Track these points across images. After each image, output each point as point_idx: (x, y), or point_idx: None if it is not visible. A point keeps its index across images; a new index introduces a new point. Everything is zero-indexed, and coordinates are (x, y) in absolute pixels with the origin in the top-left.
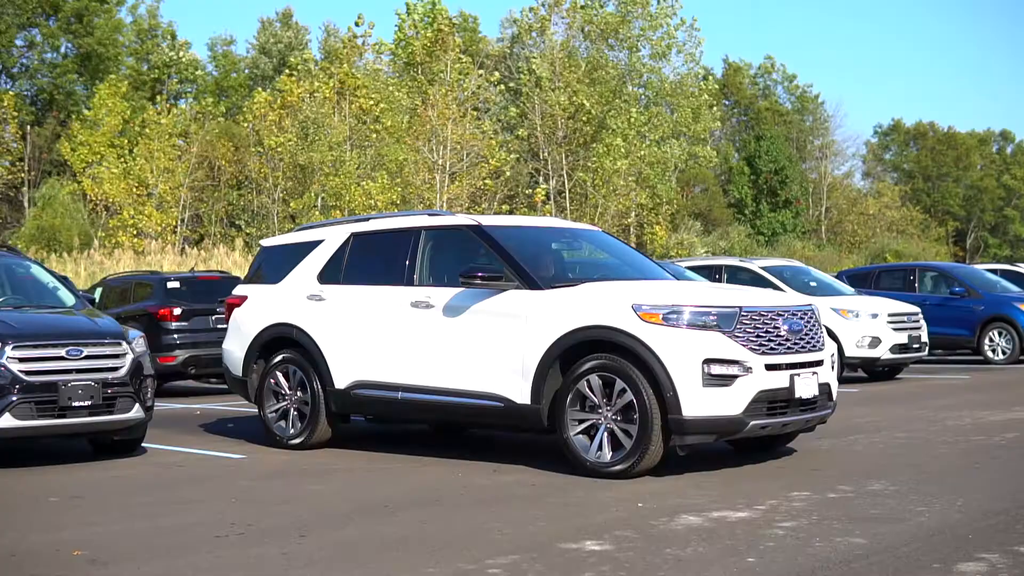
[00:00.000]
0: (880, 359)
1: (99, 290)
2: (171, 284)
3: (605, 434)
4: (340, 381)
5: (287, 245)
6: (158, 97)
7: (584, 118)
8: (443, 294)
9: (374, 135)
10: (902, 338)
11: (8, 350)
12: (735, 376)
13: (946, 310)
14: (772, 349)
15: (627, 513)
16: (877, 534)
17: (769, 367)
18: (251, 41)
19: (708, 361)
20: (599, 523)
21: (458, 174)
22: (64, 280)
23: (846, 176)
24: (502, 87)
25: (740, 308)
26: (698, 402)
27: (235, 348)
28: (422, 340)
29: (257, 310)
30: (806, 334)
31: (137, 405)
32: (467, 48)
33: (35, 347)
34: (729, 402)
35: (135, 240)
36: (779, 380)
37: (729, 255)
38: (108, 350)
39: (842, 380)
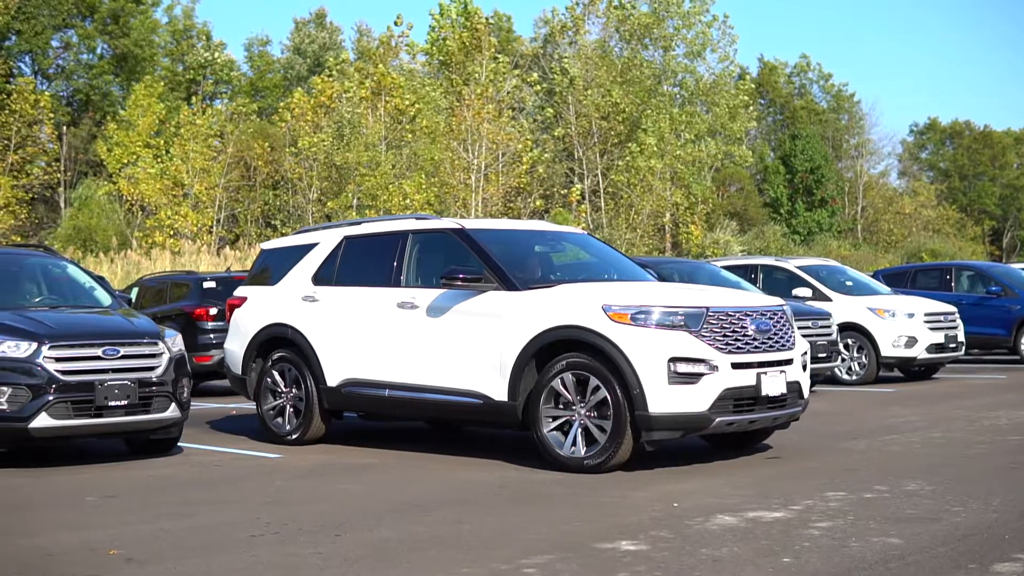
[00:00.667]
0: (916, 359)
1: (135, 290)
2: (207, 284)
3: (579, 430)
4: (332, 379)
5: (285, 248)
6: (194, 98)
7: (619, 117)
8: (427, 295)
9: (409, 135)
10: (938, 338)
11: (45, 350)
12: (701, 374)
13: (982, 309)
14: (739, 348)
15: (662, 513)
16: (913, 534)
17: (735, 365)
18: (285, 42)
19: (674, 359)
20: (634, 523)
21: (493, 173)
22: (100, 280)
23: (882, 175)
24: (538, 87)
25: (707, 308)
26: (664, 399)
27: (235, 347)
28: (408, 339)
29: (256, 310)
30: (775, 334)
31: (173, 404)
32: (502, 48)
33: (72, 347)
34: (695, 399)
35: (171, 240)
36: (745, 378)
37: (765, 254)
38: (144, 350)
39: (878, 380)
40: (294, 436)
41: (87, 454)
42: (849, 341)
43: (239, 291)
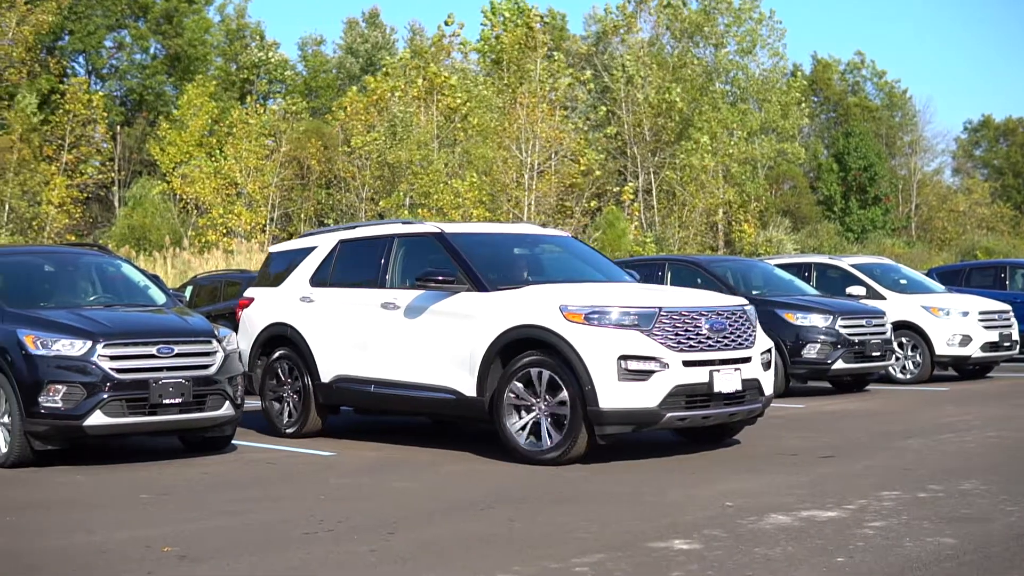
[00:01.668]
0: (971, 357)
1: (189, 288)
2: None
3: (538, 424)
4: (325, 375)
5: (289, 251)
6: (247, 97)
7: (675, 116)
8: (407, 296)
9: (461, 134)
10: (993, 336)
11: (100, 348)
12: (651, 371)
13: None
14: (691, 347)
15: (715, 512)
16: (967, 534)
17: (687, 363)
18: (338, 41)
19: (624, 357)
20: (687, 522)
21: (546, 172)
22: (155, 279)
23: (936, 172)
24: (591, 86)
25: (660, 308)
26: (614, 395)
27: (243, 345)
28: (390, 338)
29: (260, 310)
30: (730, 333)
31: (227, 403)
32: (556, 46)
33: (126, 345)
34: (645, 395)
35: (224, 239)
36: (697, 376)
37: (818, 253)
38: (199, 348)
39: (932, 379)
40: (292, 430)
41: (141, 452)
42: (903, 340)
43: (248, 292)
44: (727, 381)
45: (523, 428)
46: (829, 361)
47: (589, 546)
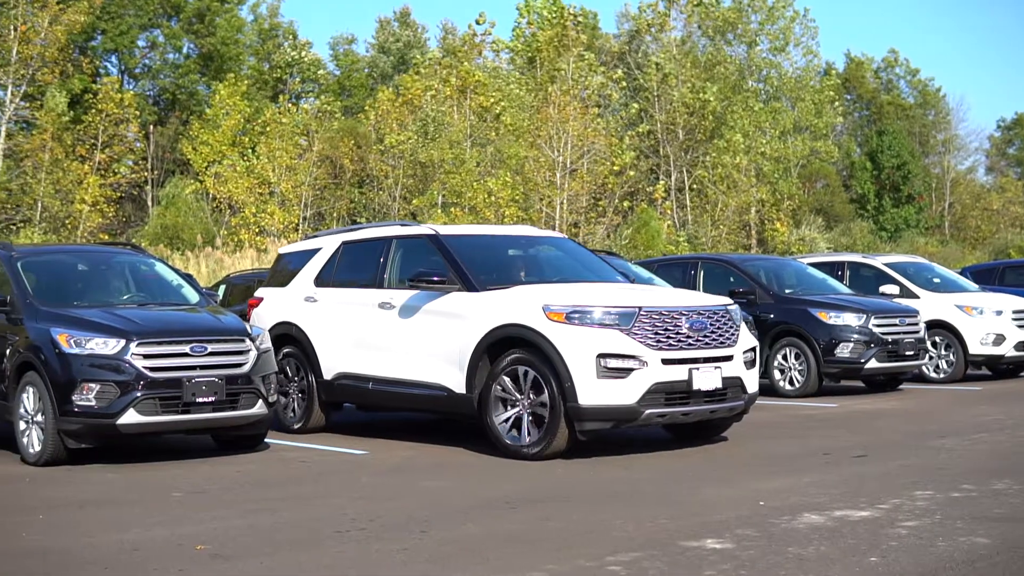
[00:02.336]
0: (1004, 356)
1: (222, 288)
2: None
3: (521, 419)
4: (327, 373)
5: (296, 252)
6: (280, 97)
7: (709, 115)
8: (402, 295)
9: (494, 133)
10: None
11: (133, 347)
12: (630, 369)
13: None
14: (671, 345)
15: (748, 511)
16: (1001, 534)
17: (666, 361)
18: (370, 40)
19: (603, 355)
20: (720, 521)
21: (578, 171)
22: (188, 278)
23: (969, 171)
24: (623, 84)
25: (640, 308)
26: (593, 392)
27: None
28: (386, 336)
29: (269, 310)
30: (711, 332)
31: (260, 401)
32: (588, 45)
33: (159, 344)
34: (624, 393)
35: (257, 238)
36: (677, 373)
37: (852, 251)
38: (232, 347)
39: (966, 378)
40: (297, 425)
41: (175, 450)
42: (937, 339)
43: (258, 292)
44: (707, 379)
45: (508, 424)
46: (862, 360)
47: (623, 545)
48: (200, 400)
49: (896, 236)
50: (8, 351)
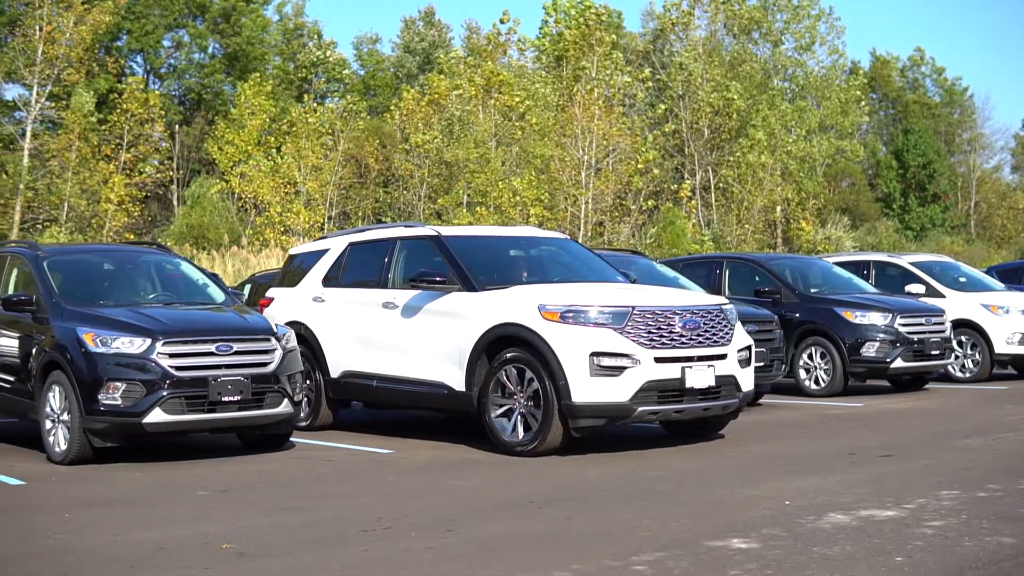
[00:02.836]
0: None
1: (248, 287)
2: None
3: (518, 417)
4: (334, 371)
5: (306, 253)
6: (305, 96)
7: (734, 113)
8: (405, 295)
9: (519, 132)
10: None
11: (159, 346)
12: (623, 367)
13: None
14: (664, 344)
15: (774, 511)
16: None
17: (659, 360)
18: (395, 40)
19: (596, 354)
20: (745, 520)
21: (603, 170)
22: (213, 277)
23: (995, 170)
24: (649, 84)
25: (633, 308)
26: (587, 390)
27: None
28: (389, 335)
29: (279, 310)
30: (704, 331)
31: (286, 400)
32: (613, 44)
33: (185, 343)
34: (617, 390)
35: (282, 237)
36: (669, 372)
37: (877, 250)
38: (257, 346)
39: (991, 377)
40: (305, 423)
41: (200, 449)
42: (963, 338)
43: (269, 292)
44: (700, 377)
45: (505, 420)
46: (888, 360)
47: (648, 544)
48: (226, 399)
49: (922, 235)
50: (34, 350)
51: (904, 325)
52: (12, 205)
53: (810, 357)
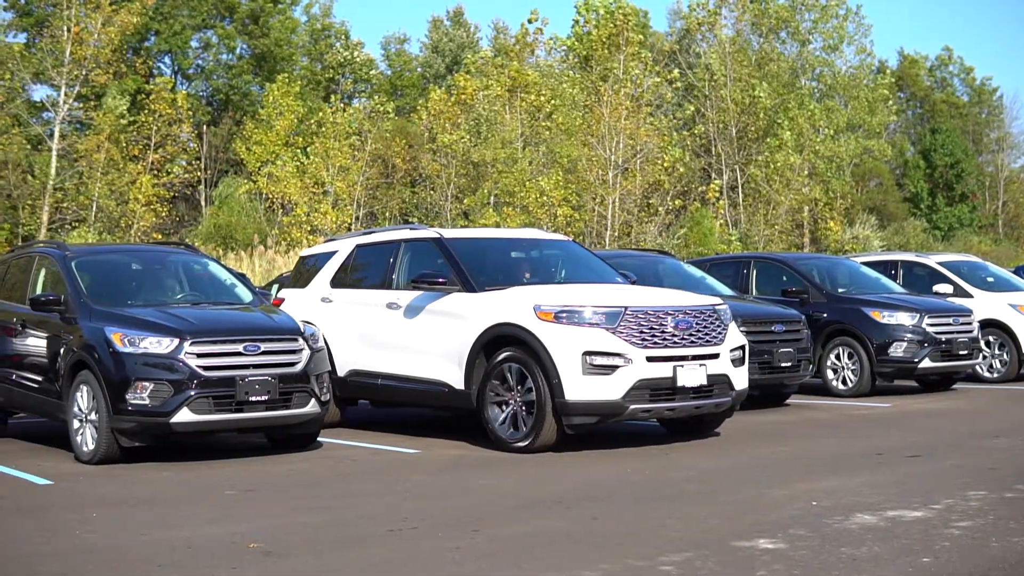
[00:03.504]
0: None
1: (275, 287)
2: None
3: (513, 414)
4: (341, 370)
5: (315, 255)
6: (332, 97)
7: (761, 113)
8: (407, 296)
9: (547, 132)
10: None
11: (187, 346)
12: (615, 366)
13: None
14: (656, 343)
15: (801, 511)
16: None
17: (651, 359)
18: (423, 40)
19: (588, 353)
20: (772, 521)
21: (631, 170)
22: (241, 277)
23: (1023, 169)
24: (677, 85)
25: (626, 308)
26: (580, 388)
27: None
28: (393, 335)
29: (289, 311)
30: (696, 331)
31: (313, 400)
32: (641, 44)
33: (213, 343)
34: (609, 389)
35: (309, 237)
36: (661, 371)
37: (905, 250)
38: (285, 346)
39: (1019, 377)
40: None
41: (228, 449)
42: (990, 338)
43: (280, 293)
44: (691, 376)
45: (502, 418)
46: (916, 360)
47: (674, 544)
48: (253, 399)
49: (949, 235)
50: (62, 350)
51: (932, 325)
52: (40, 206)
53: (838, 357)
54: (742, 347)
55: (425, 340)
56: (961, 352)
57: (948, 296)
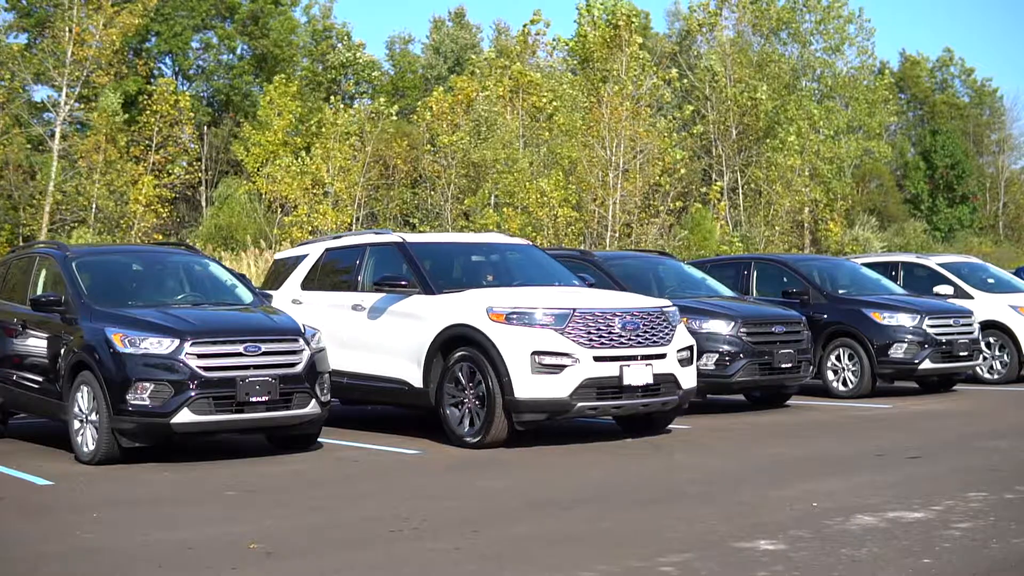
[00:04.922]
0: None
1: None
2: None
3: (467, 411)
4: None
5: (287, 258)
6: (332, 98)
7: (761, 114)
8: (371, 298)
9: (546, 133)
10: None
11: (187, 346)
12: (563, 366)
13: None
14: (603, 344)
15: (801, 513)
16: None
17: (598, 359)
18: (424, 41)
19: (537, 353)
20: (773, 522)
21: (631, 171)
22: (242, 278)
23: (1023, 171)
24: (676, 85)
25: (574, 310)
26: (528, 386)
27: None
28: (358, 335)
29: None
30: (643, 331)
31: (313, 401)
32: (640, 45)
33: (213, 343)
34: (557, 387)
35: (309, 238)
36: (607, 370)
37: (905, 251)
38: (285, 346)
39: (1020, 379)
40: None
41: (228, 450)
42: (991, 339)
43: None
44: (638, 375)
45: (458, 414)
46: (916, 361)
47: (674, 546)
48: (254, 399)
49: (950, 236)
50: (63, 350)
51: (932, 326)
52: (41, 206)
53: (838, 358)
54: (690, 347)
55: (387, 340)
56: (961, 353)
57: (948, 297)
